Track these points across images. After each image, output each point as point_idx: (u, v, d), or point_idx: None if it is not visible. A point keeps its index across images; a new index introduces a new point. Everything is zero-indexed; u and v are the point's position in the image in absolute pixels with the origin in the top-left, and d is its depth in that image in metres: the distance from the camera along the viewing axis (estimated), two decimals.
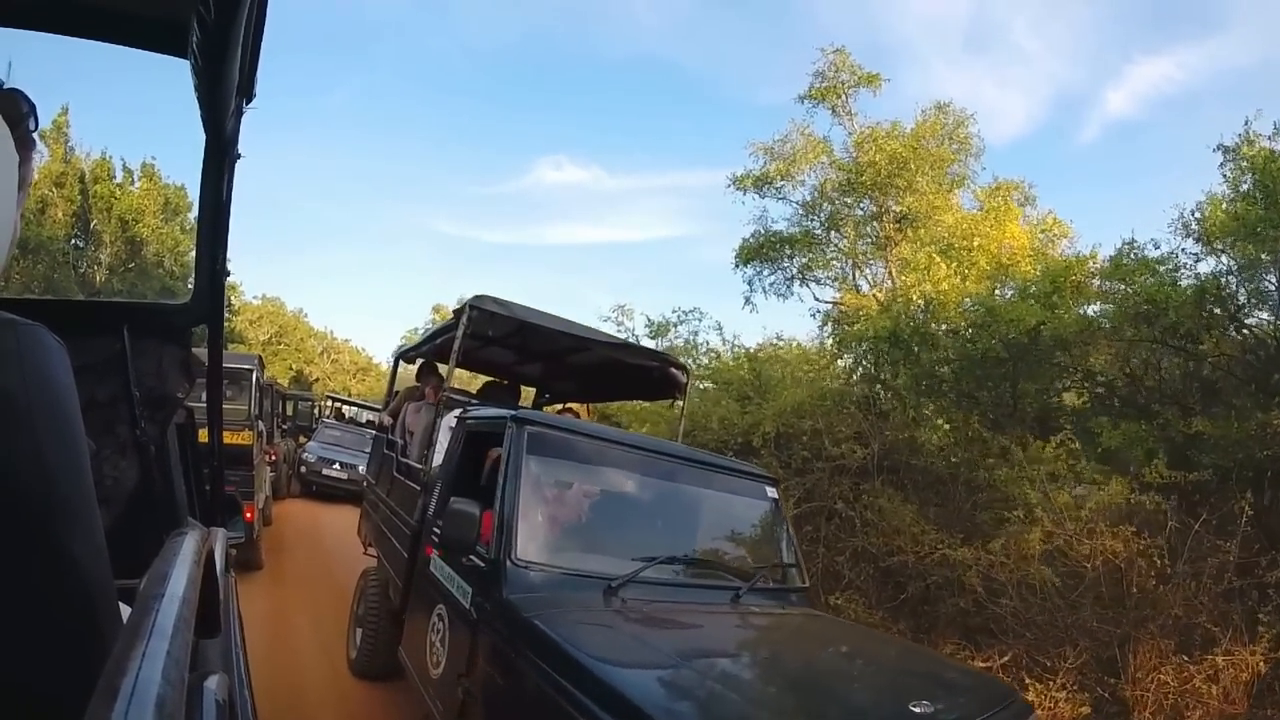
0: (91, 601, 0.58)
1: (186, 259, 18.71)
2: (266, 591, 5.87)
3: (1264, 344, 6.32)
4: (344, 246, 62.75)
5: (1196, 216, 7.97)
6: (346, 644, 4.46)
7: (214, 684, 0.76)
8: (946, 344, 6.64)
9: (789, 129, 10.50)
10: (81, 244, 17.44)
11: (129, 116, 29.59)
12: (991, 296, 7.16)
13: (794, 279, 11.26)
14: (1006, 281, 7.41)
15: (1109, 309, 6.86)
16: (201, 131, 1.28)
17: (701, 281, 48.46)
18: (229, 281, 1.85)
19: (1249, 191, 6.62)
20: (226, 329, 1.90)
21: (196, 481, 2.02)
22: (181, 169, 19.58)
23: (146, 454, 1.49)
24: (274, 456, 10.17)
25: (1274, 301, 6.32)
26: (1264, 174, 6.08)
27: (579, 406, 5.77)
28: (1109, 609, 4.73)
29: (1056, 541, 4.59)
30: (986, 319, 6.67)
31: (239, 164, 1.34)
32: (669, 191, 55.85)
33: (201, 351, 1.70)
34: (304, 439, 14.55)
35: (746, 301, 11.23)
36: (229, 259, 1.55)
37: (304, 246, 56.63)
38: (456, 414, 3.58)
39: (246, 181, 1.40)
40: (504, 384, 5.51)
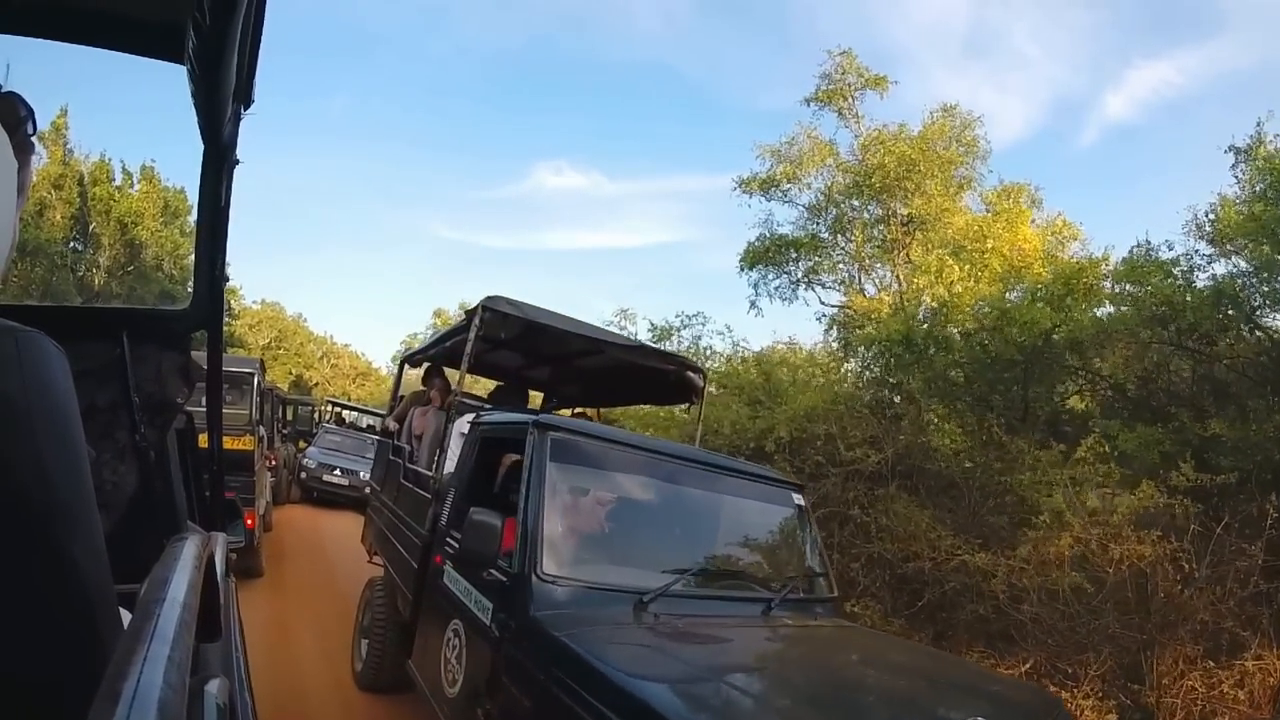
0: (92, 606, 0.58)
1: (186, 262, 18.55)
2: (268, 600, 5.73)
3: (1279, 345, 6.26)
4: (343, 251, 62.61)
5: (1210, 218, 7.93)
6: (351, 655, 4.33)
7: (215, 688, 0.76)
8: (959, 347, 6.56)
9: (796, 131, 10.46)
10: (80, 247, 17.31)
11: (129, 118, 29.51)
12: (1003, 299, 7.09)
13: (799, 283, 11.21)
14: (1018, 284, 7.32)
15: (1123, 311, 6.79)
16: (199, 137, 1.28)
17: (702, 287, 48.31)
18: (228, 285, 1.80)
19: (1264, 192, 6.56)
20: (226, 333, 1.88)
21: (197, 486, 2.02)
22: (182, 171, 19.52)
23: (146, 459, 1.49)
24: (274, 462, 10.06)
25: None
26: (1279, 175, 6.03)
27: (589, 412, 5.65)
28: (1134, 614, 4.64)
29: (1088, 546, 4.48)
30: (1000, 321, 6.61)
31: (238, 169, 1.34)
32: (669, 196, 55.82)
33: (201, 356, 1.69)
34: (304, 444, 14.42)
35: (752, 305, 11.16)
36: (228, 264, 1.56)
37: (303, 251, 56.47)
38: (469, 419, 3.46)
39: (246, 185, 1.39)
40: (515, 388, 5.38)
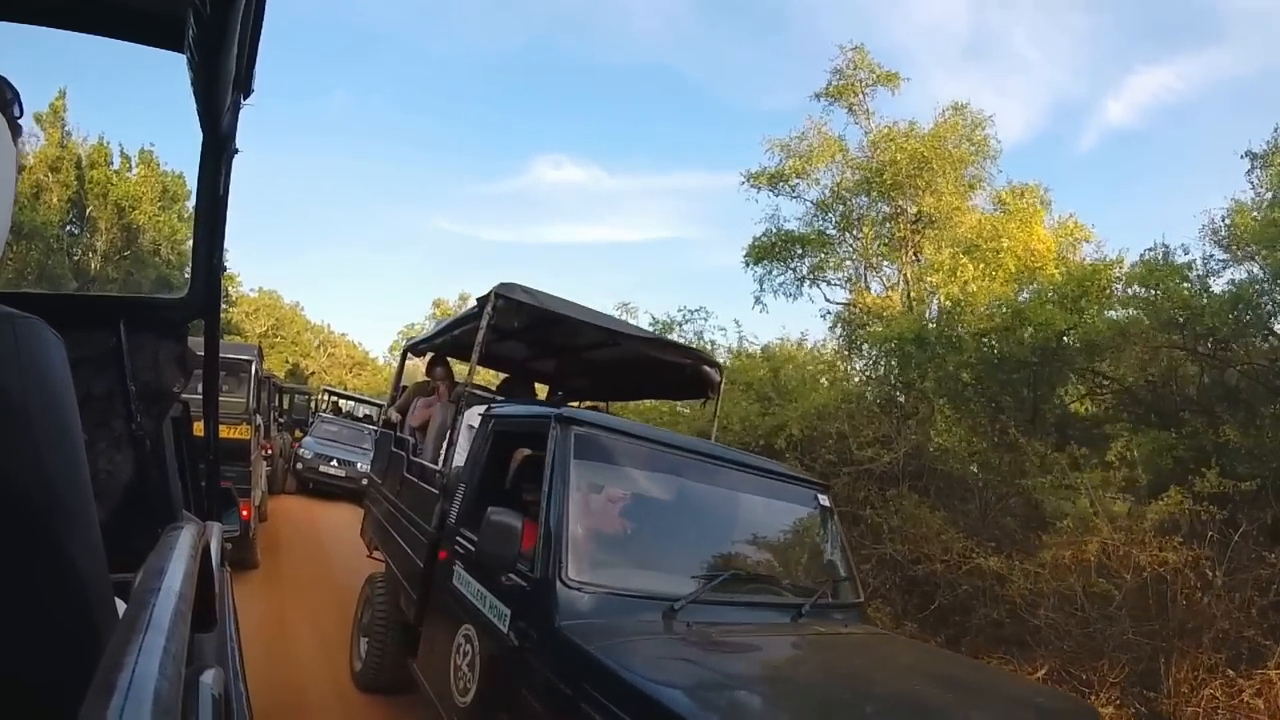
0: (87, 595, 0.58)
1: (183, 247, 18.30)
2: (263, 593, 5.56)
3: None
4: (341, 243, 62.40)
5: (1226, 223, 7.85)
6: (350, 654, 4.19)
7: (210, 678, 0.75)
8: (972, 347, 6.45)
9: (806, 126, 10.31)
10: (76, 230, 17.07)
11: (128, 103, 29.21)
12: (1016, 299, 6.99)
13: (804, 279, 11.08)
14: (1032, 284, 7.22)
15: (1137, 314, 6.70)
16: (198, 126, 1.26)
17: (702, 285, 48.21)
18: (226, 272, 1.73)
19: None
20: (222, 321, 1.83)
21: (192, 475, 2.00)
22: (180, 156, 19.22)
23: (142, 448, 1.48)
24: (270, 451, 9.91)
25: None
26: None
27: (600, 406, 5.50)
28: (1154, 621, 4.55)
29: (1115, 552, 4.38)
30: (1013, 321, 6.51)
31: (237, 159, 1.34)
32: (669, 193, 55.57)
33: (197, 343, 1.66)
34: (300, 433, 14.25)
35: (757, 301, 11.03)
36: (226, 251, 1.57)
37: (302, 242, 56.38)
38: (480, 411, 3.30)
39: (245, 180, 1.40)
40: (522, 380, 5.23)
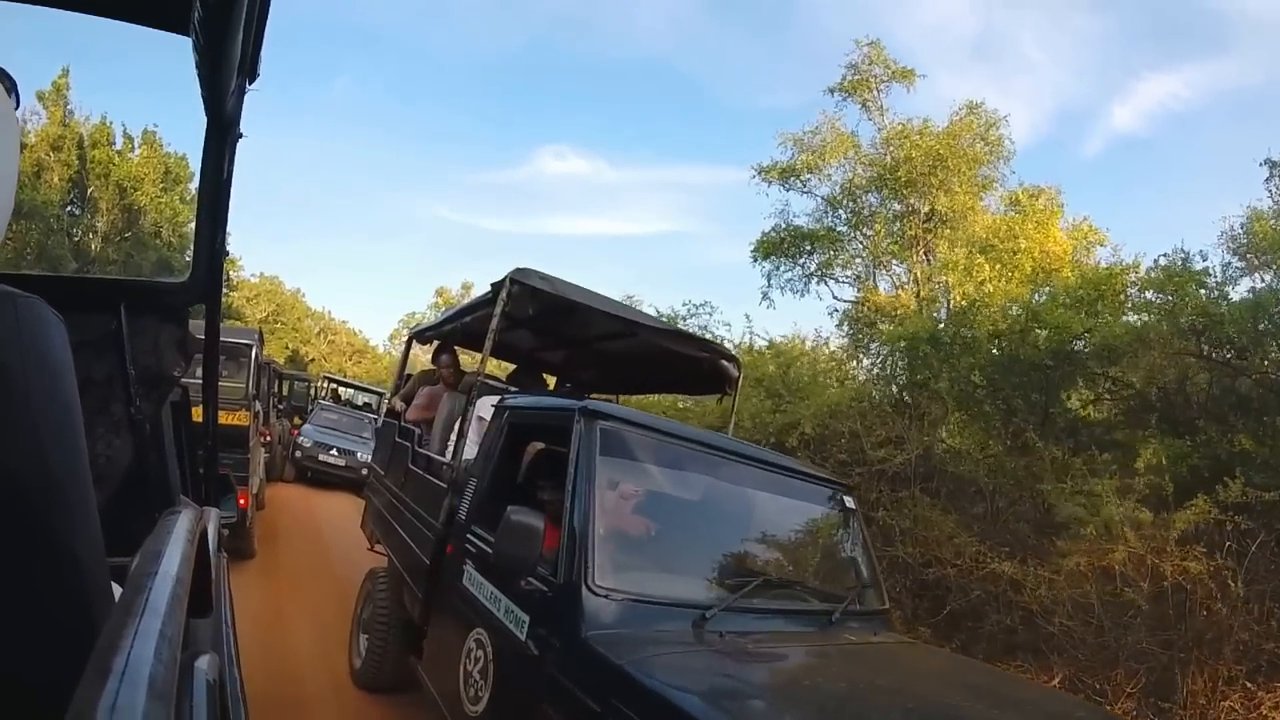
0: (83, 577, 0.57)
1: (185, 230, 18.16)
2: (260, 584, 5.44)
3: None
4: (341, 230, 62.27)
5: (1244, 231, 7.73)
6: (349, 650, 4.06)
7: (205, 663, 0.74)
8: (985, 348, 6.35)
9: (820, 120, 10.18)
10: (77, 211, 16.91)
11: (132, 83, 28.95)
12: (1031, 301, 6.89)
13: (811, 276, 10.97)
14: (1048, 286, 7.11)
15: (1155, 320, 6.60)
16: (203, 110, 1.26)
17: (703, 280, 48.06)
18: (228, 256, 1.67)
19: None
20: (223, 305, 1.79)
21: (190, 460, 1.98)
22: (184, 138, 19.02)
23: (141, 432, 1.47)
24: (269, 437, 9.82)
25: None
26: None
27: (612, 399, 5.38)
28: (1172, 630, 4.46)
29: (1143, 561, 4.28)
30: (1029, 323, 6.41)
31: (240, 144, 1.34)
32: (670, 186, 55.42)
33: (197, 326, 1.65)
34: (299, 420, 14.14)
35: (764, 297, 10.93)
36: (228, 236, 1.55)
37: (302, 229, 56.19)
38: (492, 402, 3.16)
39: (248, 164, 1.37)
40: (532, 371, 5.09)
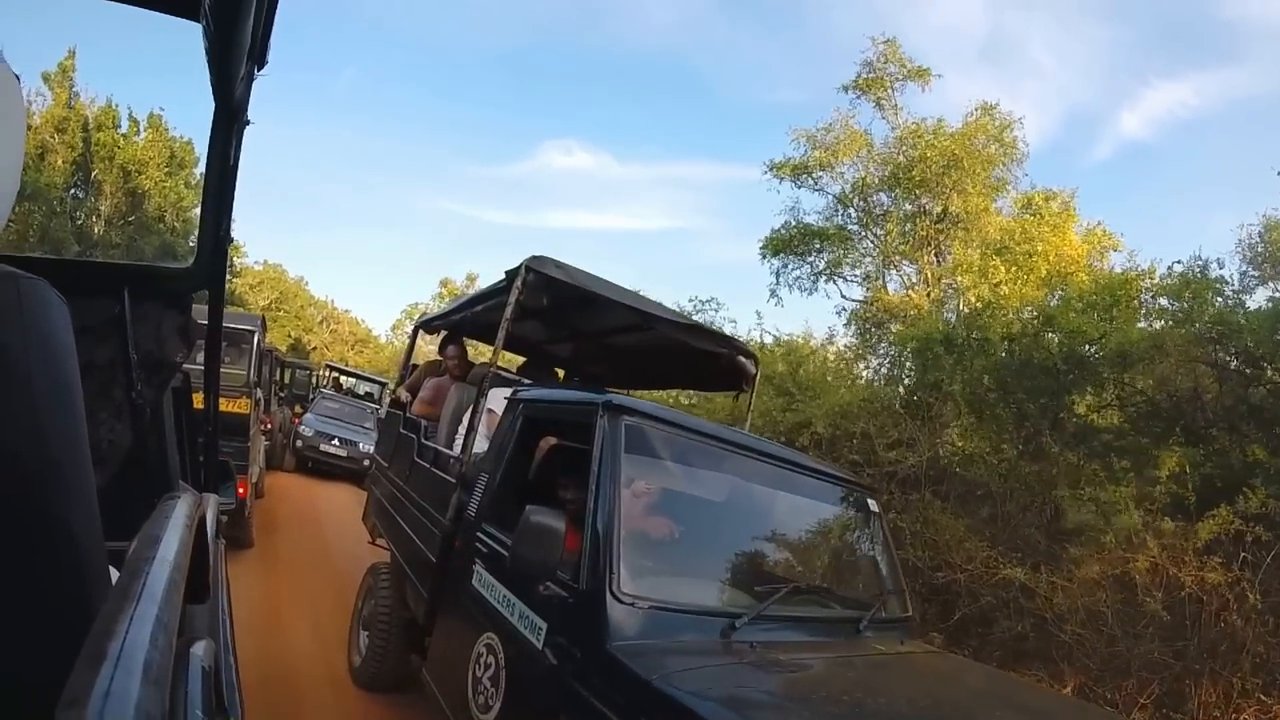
0: (80, 560, 0.56)
1: (189, 215, 18.06)
2: (258, 574, 5.33)
3: None
4: (345, 218, 62.15)
5: (1262, 239, 7.64)
6: (348, 646, 3.95)
7: (201, 650, 0.74)
8: (1001, 350, 6.26)
9: (833, 117, 10.11)
10: (81, 194, 16.80)
11: (138, 66, 28.83)
12: (1046, 304, 6.81)
13: (820, 274, 10.90)
14: (1063, 290, 7.02)
15: (1171, 327, 6.52)
16: (211, 96, 1.25)
17: (705, 276, 48.00)
18: (232, 242, 1.70)
19: None
20: (226, 292, 1.76)
21: (190, 447, 1.98)
22: (190, 122, 18.94)
23: (142, 417, 1.46)
24: (269, 425, 9.74)
25: None
26: None
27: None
28: (1188, 641, 4.39)
29: (1166, 571, 4.21)
30: (1044, 327, 6.33)
31: (248, 131, 1.33)
32: (675, 183, 55.23)
33: (200, 311, 1.64)
34: (300, 409, 14.05)
35: (772, 294, 10.88)
36: (233, 222, 1.53)
37: (305, 217, 56.05)
38: (505, 394, 3.06)
39: (253, 151, 1.37)
40: (544, 363, 4.99)
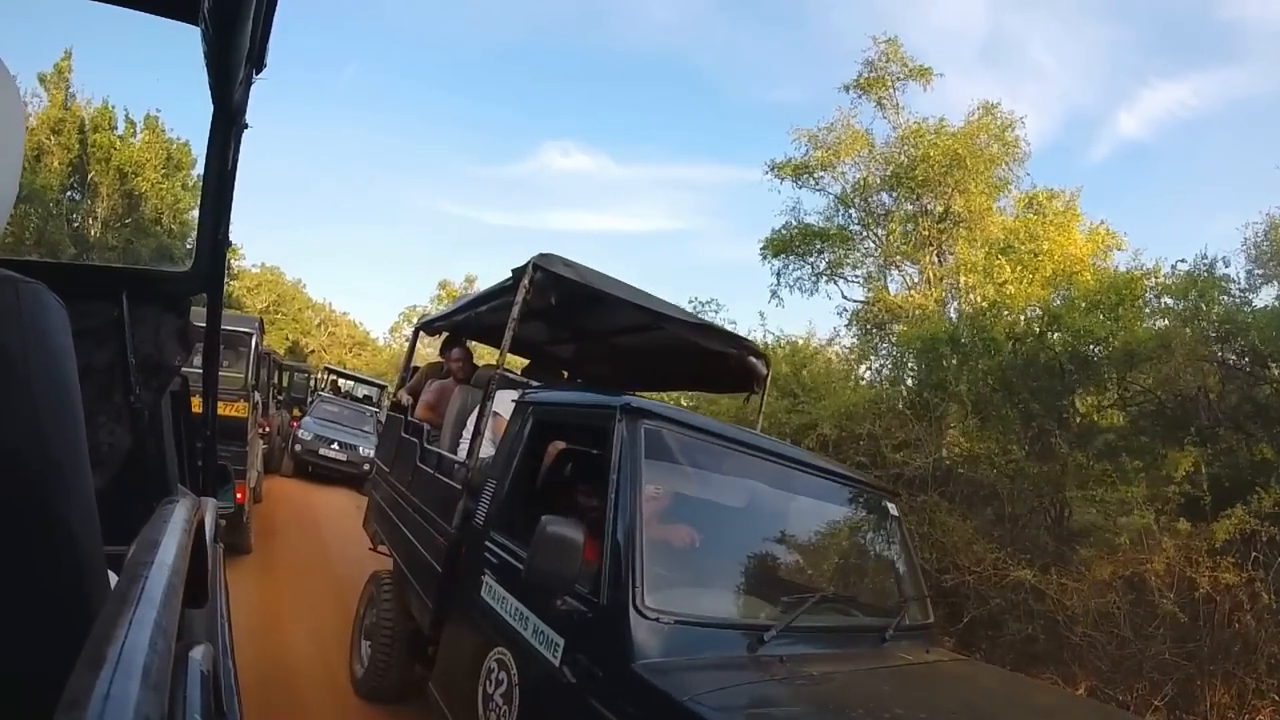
0: (79, 564, 0.56)
1: (186, 217, 17.97)
2: (256, 581, 5.25)
3: None
4: (342, 219, 62.16)
5: (1269, 238, 7.62)
6: (350, 655, 3.88)
7: (200, 654, 0.73)
8: (1007, 350, 6.22)
9: (835, 117, 10.08)
10: (78, 196, 16.69)
11: (135, 67, 28.73)
12: (1051, 304, 6.78)
13: (821, 275, 10.87)
14: (1068, 289, 6.99)
15: (1177, 326, 6.49)
16: (209, 99, 1.25)
17: (705, 277, 47.99)
18: (231, 246, 1.73)
19: None
20: (224, 295, 1.73)
21: (189, 450, 1.99)
22: (187, 123, 18.81)
23: (140, 421, 1.45)
24: (267, 429, 9.66)
25: None
26: None
27: None
28: (1196, 642, 4.34)
29: (1183, 573, 4.16)
30: (1050, 327, 6.30)
31: (246, 134, 1.33)
32: (675, 184, 55.12)
33: (199, 314, 1.63)
34: (299, 412, 13.95)
35: (773, 295, 10.84)
36: (231, 224, 1.53)
37: (302, 218, 55.94)
38: (513, 397, 2.96)
39: (251, 154, 1.36)
40: (548, 365, 4.90)
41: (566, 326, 4.51)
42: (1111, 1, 24.10)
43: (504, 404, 3.09)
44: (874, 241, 10.34)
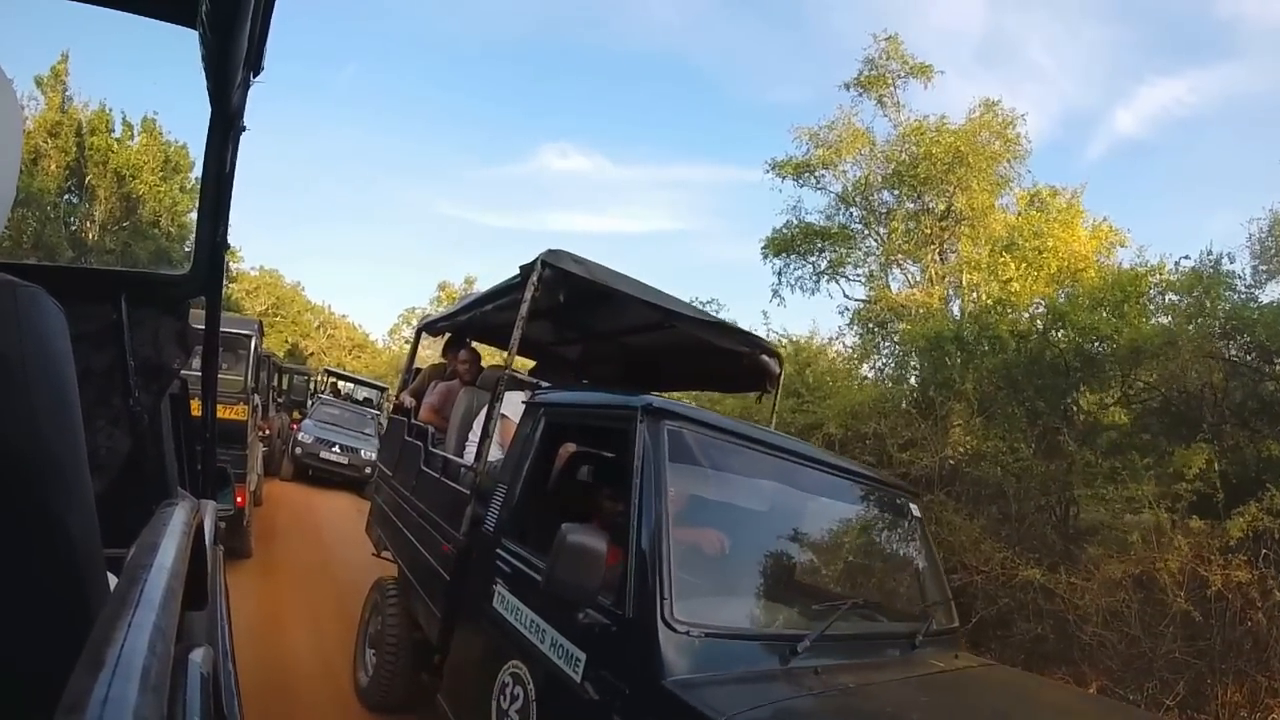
0: (79, 567, 0.57)
1: (184, 220, 17.89)
2: (256, 586, 5.19)
3: None
4: (340, 220, 62.07)
5: (1271, 234, 7.60)
6: (354, 663, 3.80)
7: (199, 657, 0.72)
8: (1012, 347, 6.19)
9: (836, 115, 10.06)
10: (75, 199, 16.63)
11: (132, 70, 28.67)
12: (1056, 301, 6.76)
13: (822, 274, 10.85)
14: (1070, 287, 6.96)
15: (1182, 322, 6.47)
16: (207, 102, 1.25)
17: (704, 277, 47.98)
18: (229, 249, 1.59)
19: None
20: (223, 298, 1.74)
21: (188, 453, 1.97)
22: (184, 126, 18.74)
23: (139, 424, 1.46)
24: (267, 431, 9.61)
25: None
26: None
27: None
28: (1208, 640, 4.32)
29: (1196, 572, 4.14)
30: (1055, 324, 6.27)
31: (244, 136, 1.32)
32: (672, 185, 55.15)
33: (198, 316, 1.63)
34: (298, 415, 13.90)
35: (774, 294, 10.83)
36: (230, 227, 1.53)
37: (303, 221, 55.88)
38: (521, 399, 2.88)
39: (249, 156, 1.36)
40: (556, 365, 4.82)
41: (574, 326, 4.41)
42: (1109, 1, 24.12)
43: (512, 406, 3.02)
44: (875, 240, 10.33)
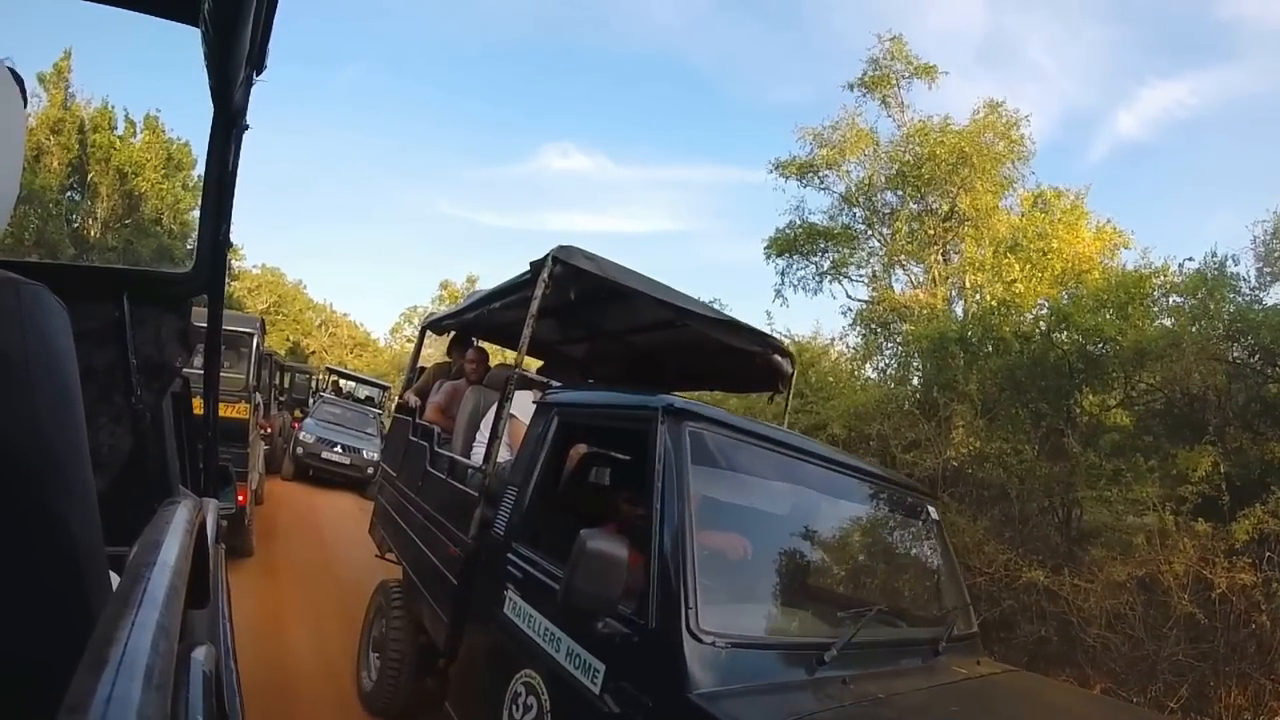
0: (81, 567, 0.57)
1: (186, 217, 17.89)
2: (257, 586, 5.17)
3: None
4: (343, 223, 62.14)
5: (1275, 236, 7.60)
6: (357, 667, 3.75)
7: (202, 655, 0.73)
8: (1016, 349, 6.19)
9: (839, 116, 10.06)
10: (77, 196, 16.62)
11: (135, 67, 28.66)
12: (1061, 302, 6.76)
13: (825, 274, 10.85)
14: (1074, 288, 6.96)
15: (1185, 324, 6.47)
16: (210, 101, 1.26)
17: (705, 278, 47.95)
18: (232, 247, 1.74)
19: None
20: (225, 296, 1.76)
21: (190, 451, 1.99)
22: (187, 123, 18.76)
23: (142, 422, 1.46)
24: (268, 430, 9.61)
25: None
26: None
27: None
28: (1211, 643, 4.32)
29: (1200, 574, 4.14)
30: (1059, 326, 6.27)
31: (246, 134, 1.33)
32: (674, 185, 55.12)
33: (200, 314, 1.64)
34: (300, 413, 13.88)
35: (777, 294, 10.83)
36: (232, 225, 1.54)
37: (305, 220, 55.93)
38: (532, 398, 2.83)
39: (252, 155, 1.37)
40: (564, 364, 4.78)
41: (581, 324, 4.34)
42: (1109, 1, 24.11)
43: (521, 406, 2.96)
44: (879, 241, 10.33)
